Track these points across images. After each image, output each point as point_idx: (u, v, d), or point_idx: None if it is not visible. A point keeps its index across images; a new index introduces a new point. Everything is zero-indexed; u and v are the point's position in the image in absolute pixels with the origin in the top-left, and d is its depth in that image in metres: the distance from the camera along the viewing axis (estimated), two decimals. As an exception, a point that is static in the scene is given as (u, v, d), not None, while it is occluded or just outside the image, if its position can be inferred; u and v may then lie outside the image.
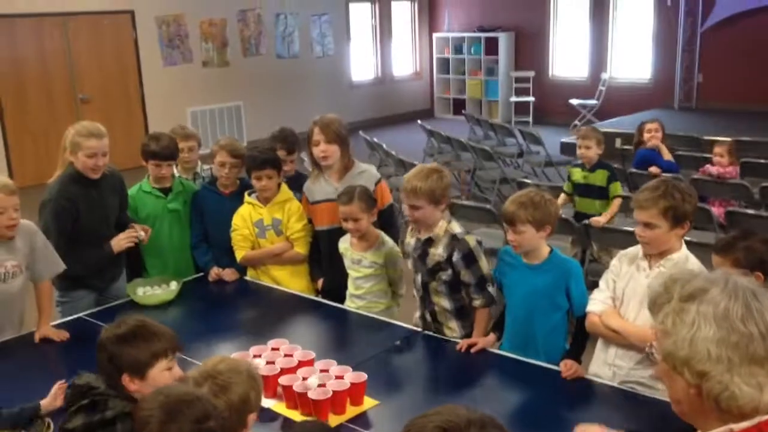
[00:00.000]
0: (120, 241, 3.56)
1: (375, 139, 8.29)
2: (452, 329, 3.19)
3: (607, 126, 10.33)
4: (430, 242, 3.12)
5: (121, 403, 2.05)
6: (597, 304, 2.80)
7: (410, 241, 3.24)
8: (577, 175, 5.29)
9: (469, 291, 3.11)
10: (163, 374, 2.12)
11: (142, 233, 3.62)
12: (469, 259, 3.06)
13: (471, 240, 3.09)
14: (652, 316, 1.37)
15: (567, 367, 2.77)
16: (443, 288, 3.14)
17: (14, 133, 9.47)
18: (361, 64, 13.95)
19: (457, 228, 3.12)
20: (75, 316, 3.46)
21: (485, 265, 3.11)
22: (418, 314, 3.31)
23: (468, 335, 3.14)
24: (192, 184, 4.15)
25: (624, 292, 2.74)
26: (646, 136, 6.16)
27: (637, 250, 2.76)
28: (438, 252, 3.09)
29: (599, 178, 5.14)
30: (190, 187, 4.06)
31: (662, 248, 2.64)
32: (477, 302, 3.11)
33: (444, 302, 3.17)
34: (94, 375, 2.14)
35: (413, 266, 3.23)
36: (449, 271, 3.09)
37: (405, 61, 14.78)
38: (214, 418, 1.68)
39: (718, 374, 1.24)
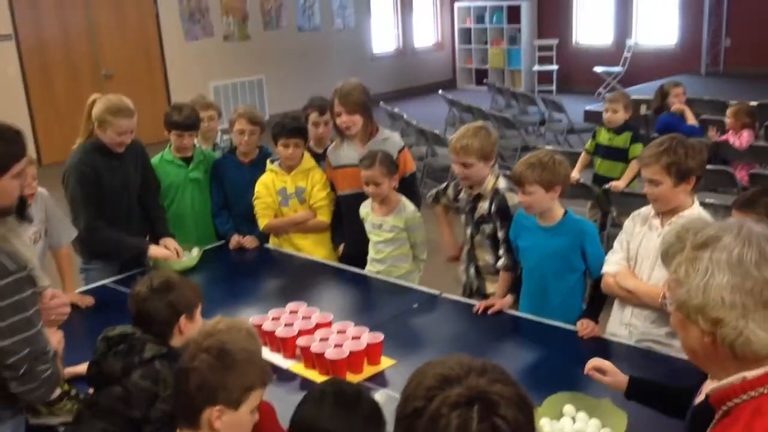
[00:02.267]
0: (157, 252, 3.59)
1: (396, 110, 8.27)
2: (493, 284, 3.26)
3: (633, 93, 10.09)
4: (479, 197, 3.23)
5: (157, 346, 2.17)
6: (611, 265, 2.80)
7: (464, 196, 3.35)
8: (603, 135, 5.23)
9: (501, 249, 3.17)
10: (200, 318, 2.28)
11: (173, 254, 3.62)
12: (503, 214, 3.13)
13: (511, 198, 3.14)
14: (665, 266, 1.35)
15: (583, 327, 2.79)
16: (486, 242, 3.25)
17: (40, 111, 9.57)
18: (382, 36, 13.87)
19: (502, 183, 3.21)
20: (99, 283, 3.54)
21: None
22: (462, 267, 3.43)
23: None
24: (212, 153, 4.19)
25: (637, 252, 2.73)
26: (673, 100, 6.04)
27: (649, 209, 2.76)
28: (484, 206, 3.21)
29: (623, 140, 5.09)
30: (210, 156, 4.11)
31: (670, 205, 2.64)
32: (501, 261, 3.16)
33: (487, 257, 3.28)
34: (127, 326, 2.26)
35: (465, 220, 3.35)
36: (491, 225, 3.20)
37: (426, 32, 14.66)
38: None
39: (733, 320, 1.22)
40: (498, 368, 1.20)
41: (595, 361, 2.14)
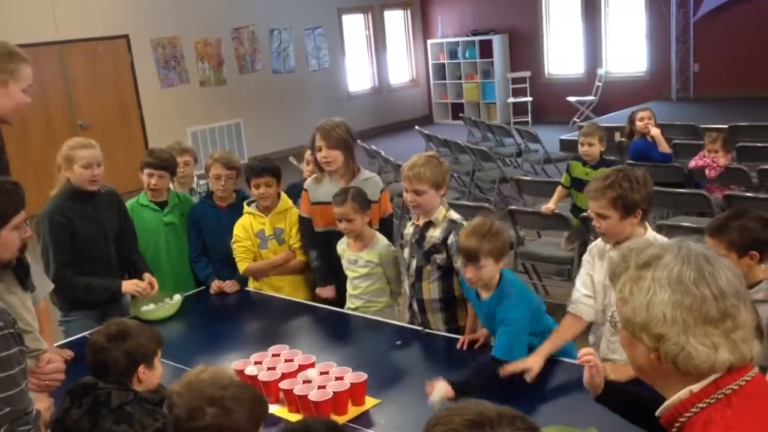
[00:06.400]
0: (128, 286, 3.50)
1: (373, 147, 8.32)
2: (437, 320, 3.23)
3: (606, 121, 10.35)
4: (428, 225, 3.20)
5: (123, 392, 2.14)
6: (573, 304, 2.80)
7: (408, 230, 3.32)
8: (579, 170, 5.29)
9: (461, 280, 3.13)
10: (160, 364, 2.26)
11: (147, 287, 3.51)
12: None
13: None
14: (612, 286, 1.40)
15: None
16: (436, 273, 3.19)
17: (18, 165, 9.49)
18: (358, 75, 14.02)
19: (455, 215, 3.22)
20: (79, 335, 3.48)
21: None
22: (407, 304, 3.38)
23: (452, 329, 3.18)
24: (189, 196, 4.19)
25: (603, 285, 2.72)
26: (638, 124, 6.14)
27: (603, 242, 2.76)
28: (435, 234, 3.17)
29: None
30: (186, 200, 4.10)
31: (619, 237, 2.62)
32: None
33: (433, 290, 3.22)
34: (89, 377, 2.21)
35: (409, 252, 3.29)
36: (444, 255, 3.15)
37: (401, 69, 14.84)
38: None
39: (674, 336, 1.27)
40: (524, 417, 1.23)
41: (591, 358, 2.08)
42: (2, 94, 2.52)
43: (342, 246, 3.58)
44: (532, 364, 2.58)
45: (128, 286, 3.50)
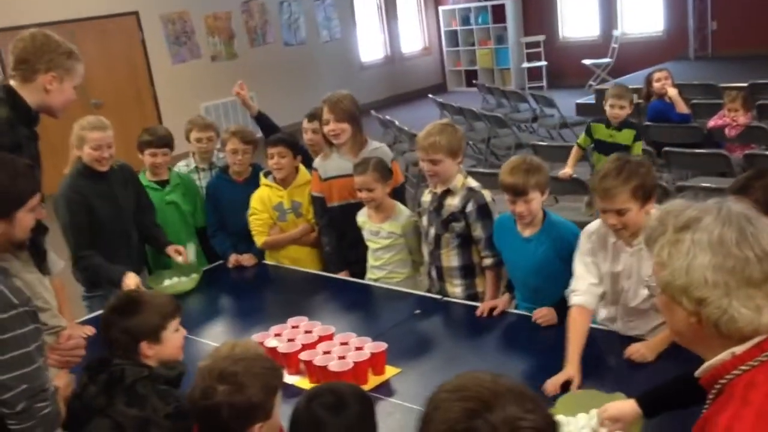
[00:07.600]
0: (130, 280, 3.31)
1: (387, 117, 8.27)
2: (455, 287, 3.22)
3: (623, 83, 10.21)
4: (446, 193, 3.19)
5: (138, 368, 2.12)
6: (578, 296, 2.59)
7: (426, 198, 3.30)
8: (602, 132, 5.14)
9: (480, 248, 3.12)
10: (175, 335, 2.23)
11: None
12: (484, 212, 3.10)
13: (487, 195, 3.16)
14: (648, 250, 1.36)
15: (538, 314, 2.78)
16: (455, 241, 3.18)
17: (33, 144, 9.59)
18: (370, 45, 13.90)
19: (474, 182, 3.20)
20: (100, 311, 3.51)
21: None
22: (426, 271, 3.37)
23: (470, 296, 3.16)
24: (189, 177, 4.16)
25: (611, 274, 2.59)
26: (656, 85, 6.04)
27: (600, 228, 2.60)
28: (454, 203, 3.15)
29: (626, 137, 5.00)
30: (187, 180, 4.09)
31: (636, 228, 2.46)
32: (488, 261, 3.13)
33: (452, 258, 3.21)
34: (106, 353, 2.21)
35: (427, 220, 3.28)
36: (462, 223, 3.14)
37: (413, 38, 14.69)
38: None
39: (717, 299, 1.24)
40: (526, 393, 1.20)
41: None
42: (57, 89, 2.76)
43: (363, 217, 3.56)
44: (573, 373, 2.40)
45: (129, 281, 3.31)
